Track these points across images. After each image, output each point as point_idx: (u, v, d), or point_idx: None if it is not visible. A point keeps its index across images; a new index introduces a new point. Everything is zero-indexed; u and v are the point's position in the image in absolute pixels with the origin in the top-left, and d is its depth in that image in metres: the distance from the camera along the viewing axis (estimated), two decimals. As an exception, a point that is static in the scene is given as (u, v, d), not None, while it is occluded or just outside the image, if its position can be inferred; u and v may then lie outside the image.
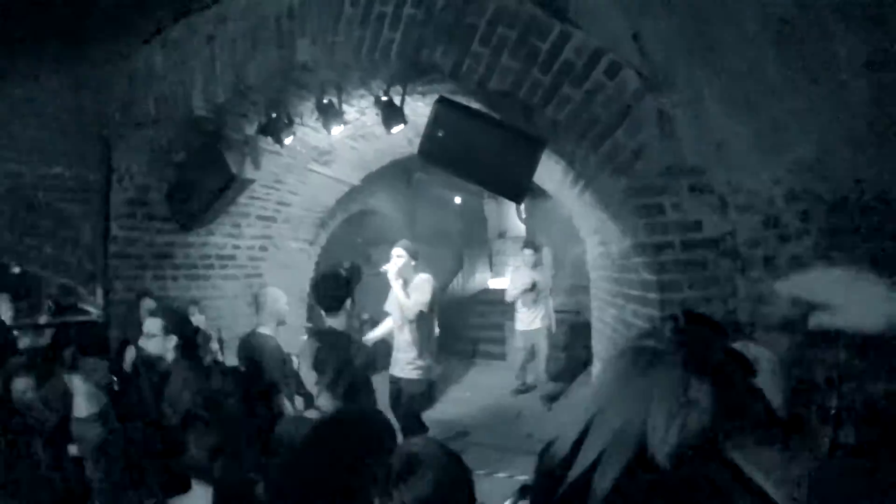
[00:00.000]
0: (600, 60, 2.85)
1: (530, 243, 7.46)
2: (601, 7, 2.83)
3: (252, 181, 4.70)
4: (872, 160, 2.06)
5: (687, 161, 2.78)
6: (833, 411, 1.92)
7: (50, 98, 4.68)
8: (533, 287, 7.04)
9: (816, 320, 1.17)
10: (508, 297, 7.28)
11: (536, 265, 7.26)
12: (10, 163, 4.61)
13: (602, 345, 4.51)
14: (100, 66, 4.65)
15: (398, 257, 4.63)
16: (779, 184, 2.44)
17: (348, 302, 3.32)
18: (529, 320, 7.20)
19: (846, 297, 1.13)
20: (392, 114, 3.74)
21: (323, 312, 3.37)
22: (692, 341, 2.03)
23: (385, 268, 4.60)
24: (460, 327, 10.97)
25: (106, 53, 4.61)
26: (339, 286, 3.31)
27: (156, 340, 3.38)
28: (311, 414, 2.72)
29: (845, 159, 2.13)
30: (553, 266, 8.79)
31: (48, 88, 4.66)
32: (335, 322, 3.25)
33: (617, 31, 2.81)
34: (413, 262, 4.70)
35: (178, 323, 3.52)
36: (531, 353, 7.37)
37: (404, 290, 4.54)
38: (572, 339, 8.24)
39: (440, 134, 3.22)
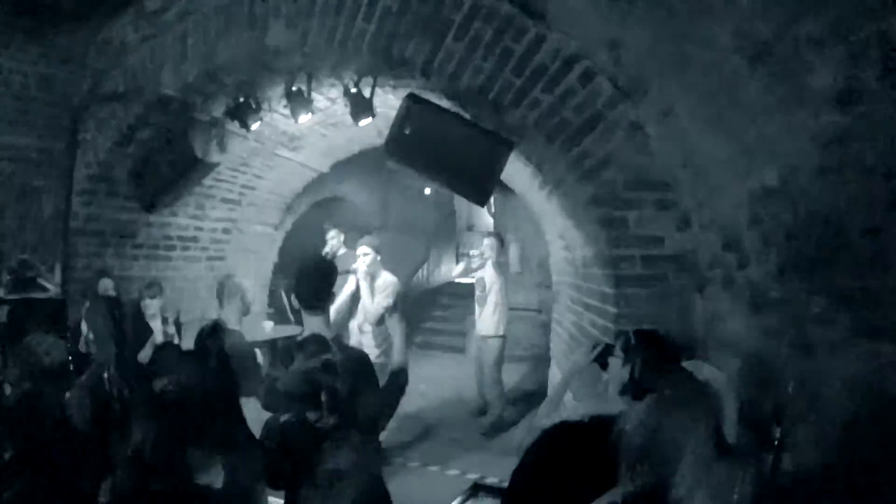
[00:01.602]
0: (574, 66, 2.83)
1: (495, 234, 6.62)
2: (580, 13, 2.80)
3: (217, 164, 4.59)
4: (834, 193, 2.08)
5: (654, 175, 2.78)
6: (777, 438, 1.95)
7: (20, 66, 4.48)
8: (478, 276, 6.20)
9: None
10: (453, 273, 7.29)
11: (495, 257, 6.13)
12: None
13: (559, 348, 4.54)
14: (71, 36, 4.47)
15: (364, 255, 4.59)
16: (743, 207, 2.45)
17: (332, 298, 2.95)
18: (480, 324, 6.19)
19: None
20: (361, 106, 3.68)
21: (303, 312, 2.86)
22: (641, 360, 2.05)
23: (353, 267, 4.55)
24: (422, 319, 10.97)
25: (78, 23, 4.43)
26: (324, 279, 2.87)
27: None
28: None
29: (809, 189, 2.15)
30: (519, 263, 8.81)
31: (19, 57, 4.46)
32: (316, 322, 2.79)
33: (593, 39, 2.79)
34: (378, 258, 4.66)
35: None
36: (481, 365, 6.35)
37: (370, 292, 4.50)
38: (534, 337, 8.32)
39: (407, 131, 3.16)
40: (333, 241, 6.20)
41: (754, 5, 2.27)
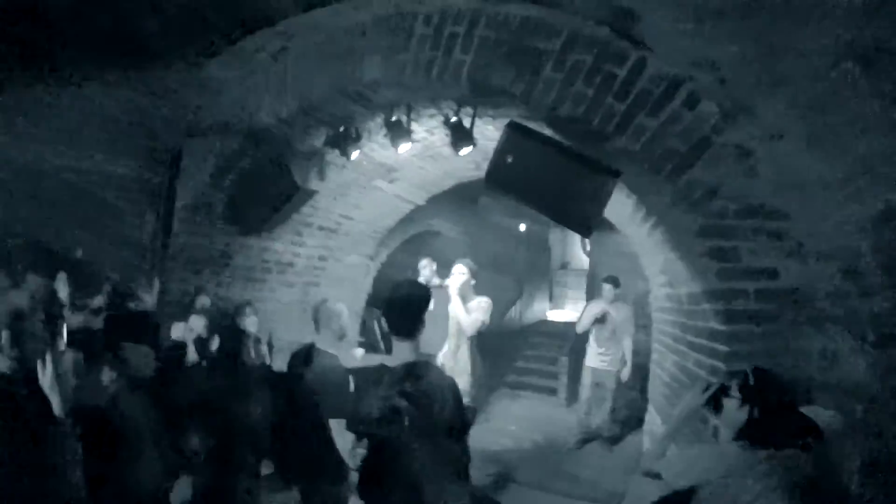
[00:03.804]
0: (679, 89, 2.69)
1: (611, 278, 6.82)
2: (675, 34, 2.66)
3: (315, 192, 4.74)
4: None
5: (766, 202, 2.58)
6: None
7: (116, 101, 4.82)
8: (604, 319, 6.51)
9: None
10: (579, 328, 6.82)
11: (615, 301, 6.62)
12: (75, 159, 4.78)
13: (659, 392, 4.25)
14: (168, 74, 4.78)
15: (460, 274, 4.57)
16: (864, 232, 2.20)
17: (422, 326, 2.83)
18: (600, 359, 6.60)
19: None
20: (461, 135, 3.69)
21: (393, 338, 2.84)
22: (758, 403, 1.85)
23: (446, 282, 4.54)
24: (514, 358, 10.76)
25: (175, 62, 4.74)
26: (416, 307, 2.83)
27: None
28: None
29: None
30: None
31: (115, 91, 4.82)
32: (406, 349, 2.76)
33: (694, 59, 2.64)
34: (473, 282, 4.62)
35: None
36: (598, 394, 6.71)
37: (464, 307, 4.47)
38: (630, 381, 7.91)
39: (509, 159, 3.11)
40: (426, 271, 6.20)
41: (861, 5, 2.06)
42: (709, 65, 2.62)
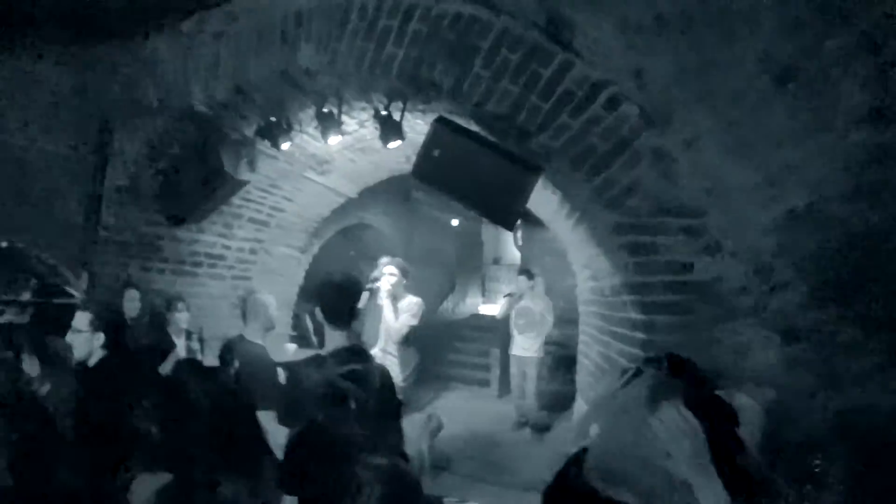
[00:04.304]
0: (601, 92, 2.82)
1: (525, 271, 7.52)
2: (605, 41, 2.80)
3: (246, 182, 4.65)
4: (865, 215, 2.01)
5: (682, 202, 2.73)
6: (806, 473, 1.84)
7: (55, 76, 4.63)
8: (520, 306, 7.16)
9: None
10: (498, 315, 7.63)
11: (532, 291, 7.29)
12: (6, 133, 4.55)
13: (586, 381, 4.42)
14: (107, 50, 4.62)
15: (390, 275, 4.53)
16: (772, 233, 2.39)
17: (356, 314, 2.88)
18: (521, 347, 7.21)
19: None
20: (390, 128, 3.71)
21: (327, 327, 2.86)
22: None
23: (377, 284, 4.48)
24: (446, 351, 10.87)
25: (114, 38, 4.58)
26: (350, 296, 2.88)
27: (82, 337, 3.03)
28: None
29: (839, 213, 2.08)
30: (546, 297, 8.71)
31: (54, 66, 4.62)
32: (340, 338, 2.78)
33: (620, 67, 2.78)
34: (404, 282, 4.60)
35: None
36: (521, 380, 7.28)
37: (393, 311, 4.43)
38: (557, 372, 8.16)
39: (436, 153, 3.17)
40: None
41: (779, 26, 2.24)
42: (634, 73, 2.76)
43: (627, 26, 2.75)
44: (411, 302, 4.52)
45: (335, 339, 2.72)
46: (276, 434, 2.35)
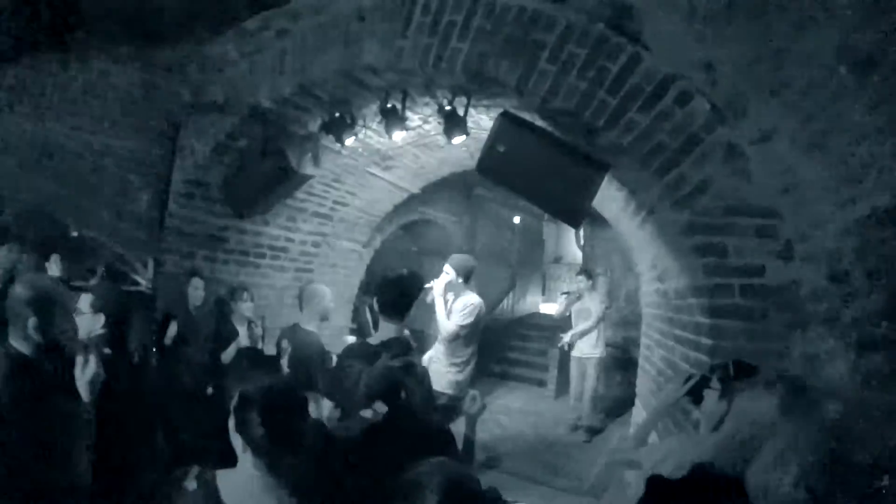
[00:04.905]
0: (671, 87, 2.71)
1: (584, 270, 7.40)
2: (675, 33, 2.69)
3: (310, 177, 4.75)
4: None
5: (754, 201, 2.60)
6: (873, 494, 1.71)
7: (125, 74, 4.89)
8: (578, 307, 7.06)
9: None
10: (556, 314, 7.49)
11: (590, 291, 7.18)
12: (81, 130, 4.88)
13: (646, 386, 4.29)
14: (175, 49, 4.82)
15: (445, 273, 4.47)
16: (849, 235, 2.23)
17: (410, 309, 3.06)
18: (580, 348, 7.07)
19: None
20: (454, 124, 3.69)
21: (381, 318, 3.04)
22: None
23: (430, 283, 4.46)
24: (504, 349, 10.81)
25: (181, 38, 4.78)
26: (407, 290, 3.04)
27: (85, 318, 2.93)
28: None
29: None
30: (607, 297, 8.55)
31: (124, 65, 4.87)
32: (393, 330, 2.95)
33: (689, 59, 2.67)
34: (460, 280, 4.52)
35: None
36: (581, 382, 7.14)
37: (445, 310, 4.38)
38: (613, 374, 8.00)
39: (500, 149, 3.14)
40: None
41: (858, 13, 2.09)
42: (704, 66, 2.65)
43: (696, 16, 2.64)
44: (467, 302, 4.41)
45: (388, 330, 2.86)
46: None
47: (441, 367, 4.42)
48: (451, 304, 4.42)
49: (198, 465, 1.70)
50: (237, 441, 1.66)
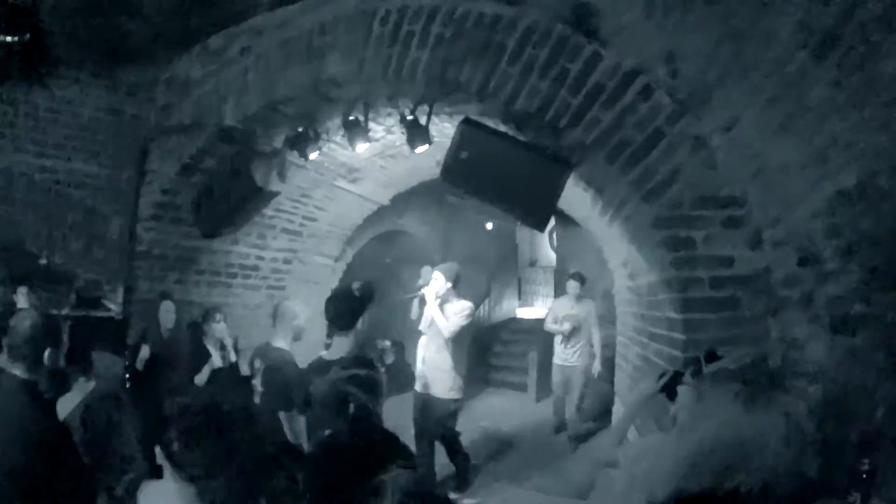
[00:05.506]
0: (633, 82, 2.72)
1: (577, 275, 6.96)
2: (634, 27, 2.71)
3: (277, 193, 4.69)
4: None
5: (722, 190, 2.62)
6: (865, 474, 1.72)
7: (89, 100, 4.82)
8: (565, 314, 6.67)
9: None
10: (545, 327, 6.99)
11: (581, 298, 6.78)
12: (46, 158, 4.80)
13: (623, 383, 4.31)
14: (139, 72, 4.77)
15: (435, 280, 4.68)
16: (819, 217, 2.23)
17: (360, 322, 3.21)
18: (565, 356, 6.71)
19: None
20: (417, 133, 3.67)
21: (333, 330, 3.27)
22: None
23: (424, 289, 4.64)
24: (483, 354, 10.77)
25: (146, 60, 4.72)
26: (351, 304, 3.20)
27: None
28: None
29: (892, 188, 1.91)
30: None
31: (88, 91, 4.80)
32: (343, 342, 3.12)
33: (651, 52, 2.69)
34: (449, 286, 4.72)
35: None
36: (564, 390, 6.83)
37: (441, 311, 4.57)
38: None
39: (464, 155, 3.13)
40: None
41: None
42: (666, 57, 2.66)
43: (655, 7, 2.65)
44: (462, 305, 4.72)
45: (340, 343, 3.04)
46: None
47: (446, 376, 4.69)
48: (445, 309, 4.64)
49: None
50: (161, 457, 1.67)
